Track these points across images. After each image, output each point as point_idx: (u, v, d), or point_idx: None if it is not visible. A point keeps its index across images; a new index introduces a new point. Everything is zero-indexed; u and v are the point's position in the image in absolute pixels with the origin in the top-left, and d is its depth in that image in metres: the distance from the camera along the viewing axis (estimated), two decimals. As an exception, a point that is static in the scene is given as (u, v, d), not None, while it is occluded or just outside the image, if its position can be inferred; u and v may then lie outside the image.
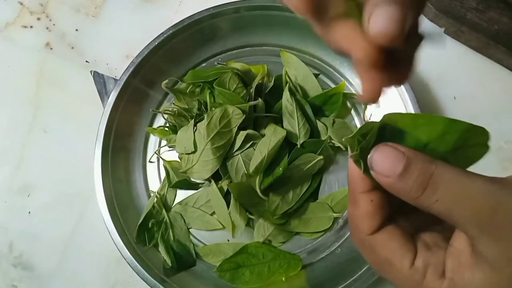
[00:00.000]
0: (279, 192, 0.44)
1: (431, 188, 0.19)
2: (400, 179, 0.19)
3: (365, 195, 0.22)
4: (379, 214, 0.21)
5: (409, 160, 0.19)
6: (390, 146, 0.20)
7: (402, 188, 0.19)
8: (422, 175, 0.19)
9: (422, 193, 0.19)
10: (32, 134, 0.52)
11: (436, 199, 0.19)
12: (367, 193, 0.22)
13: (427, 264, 0.20)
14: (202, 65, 0.52)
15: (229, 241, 0.46)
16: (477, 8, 0.49)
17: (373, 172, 0.20)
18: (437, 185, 0.19)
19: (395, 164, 0.19)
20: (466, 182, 0.18)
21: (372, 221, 0.21)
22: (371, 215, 0.21)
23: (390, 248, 0.21)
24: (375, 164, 0.20)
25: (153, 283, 0.42)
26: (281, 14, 0.48)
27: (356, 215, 0.22)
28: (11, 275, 0.48)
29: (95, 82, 0.53)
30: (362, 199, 0.22)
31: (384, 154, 0.20)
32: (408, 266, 0.20)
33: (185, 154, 0.45)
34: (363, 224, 0.22)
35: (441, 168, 0.19)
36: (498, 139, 0.48)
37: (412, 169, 0.19)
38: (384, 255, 0.21)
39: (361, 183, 0.22)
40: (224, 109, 0.43)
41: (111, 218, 0.44)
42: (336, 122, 0.47)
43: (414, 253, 0.21)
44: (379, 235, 0.21)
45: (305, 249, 0.45)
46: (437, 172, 0.19)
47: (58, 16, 0.56)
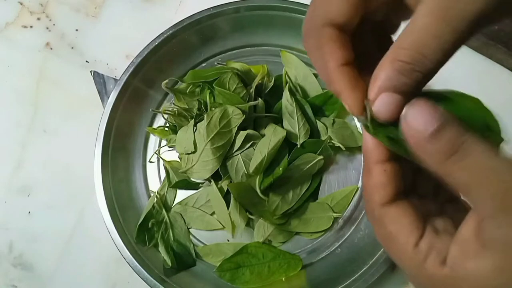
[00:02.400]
0: (279, 192, 0.44)
1: (460, 155, 0.18)
2: (432, 137, 0.18)
3: (379, 165, 0.21)
4: (391, 185, 0.21)
5: (445, 121, 0.18)
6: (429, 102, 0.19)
7: (431, 148, 0.18)
8: (454, 139, 0.18)
9: (449, 157, 0.18)
10: (32, 134, 0.52)
11: (461, 167, 0.18)
12: (381, 163, 0.21)
13: (431, 248, 0.20)
14: (202, 65, 0.52)
15: (229, 241, 0.46)
16: (477, 8, 0.49)
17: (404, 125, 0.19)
18: (466, 152, 0.18)
19: (431, 121, 0.18)
20: (494, 160, 0.18)
21: (384, 191, 0.21)
22: (384, 185, 0.21)
23: (399, 223, 0.21)
24: (409, 117, 0.19)
25: (153, 283, 0.42)
26: (281, 14, 0.48)
27: (370, 185, 0.22)
28: (11, 275, 0.48)
29: (95, 82, 0.53)
30: (376, 169, 0.21)
31: (421, 108, 0.19)
32: (412, 245, 0.20)
33: (185, 154, 0.45)
34: (375, 194, 0.21)
35: (474, 138, 0.18)
36: (498, 139, 0.48)
37: (446, 131, 0.18)
38: (391, 229, 0.21)
39: (375, 152, 0.21)
40: (224, 109, 0.43)
41: (111, 218, 0.44)
42: (336, 122, 0.47)
43: (421, 234, 0.20)
44: (391, 207, 0.21)
45: (305, 249, 0.45)
46: (470, 140, 0.18)
47: (58, 16, 0.56)
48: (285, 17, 0.48)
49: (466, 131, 0.18)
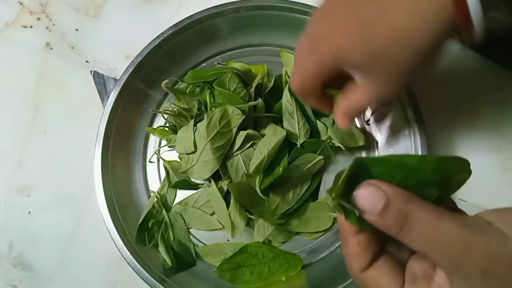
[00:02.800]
0: (279, 192, 0.44)
1: (407, 229, 0.20)
2: (380, 216, 0.21)
3: (353, 237, 0.24)
4: (366, 254, 0.23)
5: (389, 199, 0.21)
6: (372, 184, 0.21)
7: (383, 225, 0.21)
8: (399, 215, 0.21)
9: (400, 231, 0.21)
10: (32, 134, 0.52)
11: (411, 239, 0.21)
12: (354, 235, 0.24)
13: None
14: (202, 65, 0.52)
15: (229, 241, 0.46)
16: (477, 8, 0.49)
17: (358, 207, 0.22)
18: (411, 227, 0.20)
19: (376, 202, 0.21)
20: (438, 226, 0.20)
21: (361, 260, 0.23)
22: (359, 255, 0.23)
23: (380, 284, 0.23)
24: (358, 202, 0.22)
25: (153, 283, 0.42)
26: (281, 14, 0.48)
27: (348, 254, 0.24)
28: (11, 275, 0.48)
29: (95, 82, 0.53)
30: (351, 241, 0.24)
31: (366, 192, 0.21)
32: None
33: (185, 154, 0.45)
34: (354, 263, 0.24)
35: (416, 209, 0.20)
36: (498, 139, 0.48)
37: (391, 208, 0.21)
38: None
39: (348, 227, 0.24)
40: (224, 109, 0.43)
41: (111, 218, 0.44)
42: (336, 122, 0.47)
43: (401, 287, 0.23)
44: (369, 272, 0.23)
45: (305, 249, 0.45)
46: (411, 213, 0.20)
47: (58, 16, 0.56)
48: (285, 17, 0.48)
49: (409, 201, 0.21)
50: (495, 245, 0.19)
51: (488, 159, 0.48)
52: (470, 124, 0.49)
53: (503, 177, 0.47)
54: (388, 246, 0.25)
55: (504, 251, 0.19)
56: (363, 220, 0.22)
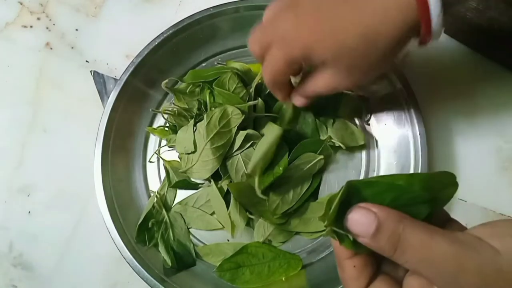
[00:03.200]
0: (279, 192, 0.44)
1: (400, 251, 0.21)
2: (373, 239, 0.21)
3: (348, 261, 0.24)
4: (363, 277, 0.23)
5: (380, 221, 0.21)
6: (363, 207, 0.22)
7: (377, 247, 0.21)
8: (392, 236, 0.21)
9: (394, 253, 0.21)
10: (32, 134, 0.52)
11: (406, 260, 0.21)
12: (349, 259, 0.24)
13: None
14: (202, 65, 0.52)
15: (229, 241, 0.46)
16: (477, 8, 0.49)
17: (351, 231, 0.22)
18: (404, 248, 0.21)
19: (368, 226, 0.21)
20: (431, 245, 0.20)
21: (358, 283, 0.23)
22: (356, 278, 0.24)
23: None
24: (350, 226, 0.22)
25: (153, 283, 0.42)
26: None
27: (345, 278, 0.24)
28: (11, 275, 0.48)
29: (95, 82, 0.53)
30: (346, 265, 0.24)
31: (357, 216, 0.22)
32: None
33: (185, 154, 0.45)
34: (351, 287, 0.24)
35: (408, 229, 0.21)
36: (498, 139, 0.48)
37: (383, 230, 0.21)
38: None
39: (343, 251, 0.24)
40: (224, 109, 0.43)
41: (111, 218, 0.44)
42: (336, 121, 0.47)
43: None
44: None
45: (305, 249, 0.45)
46: (403, 234, 0.21)
47: (58, 16, 0.56)
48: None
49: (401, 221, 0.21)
50: (488, 262, 0.19)
51: (488, 159, 0.48)
52: (470, 124, 0.49)
53: (503, 177, 0.47)
54: (384, 265, 0.25)
55: (497, 268, 0.19)
56: (357, 244, 0.23)
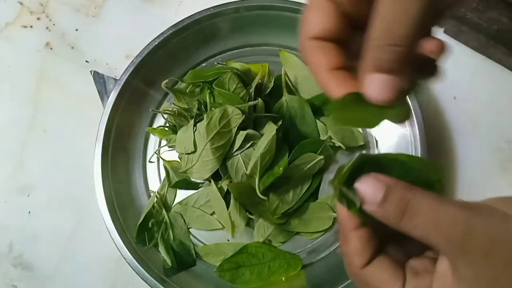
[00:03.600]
0: (279, 192, 0.44)
1: (408, 216, 0.20)
2: (380, 206, 0.21)
3: (353, 233, 0.23)
4: (368, 249, 0.23)
5: (389, 189, 0.21)
6: (372, 176, 0.22)
7: (384, 215, 0.21)
8: (400, 203, 0.20)
9: (401, 219, 0.20)
10: (32, 134, 0.52)
11: (414, 225, 0.20)
12: (355, 230, 0.23)
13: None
14: (202, 65, 0.52)
15: (229, 241, 0.46)
16: (477, 8, 0.49)
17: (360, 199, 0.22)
18: (413, 213, 0.20)
19: (376, 193, 0.21)
20: (440, 210, 0.20)
21: (362, 256, 0.23)
22: (360, 250, 0.23)
23: (381, 279, 0.23)
24: (360, 192, 0.22)
25: (153, 283, 0.42)
26: (281, 14, 0.48)
27: (348, 251, 0.24)
28: (11, 275, 0.48)
29: (95, 82, 0.53)
30: (352, 236, 0.24)
31: (366, 184, 0.21)
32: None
33: (185, 154, 0.45)
34: (354, 259, 0.24)
35: (417, 196, 0.20)
36: (498, 139, 0.48)
37: (391, 197, 0.21)
38: (376, 286, 0.23)
39: (349, 221, 0.24)
40: (224, 109, 0.43)
41: (111, 218, 0.44)
42: (336, 122, 0.47)
43: (403, 281, 0.22)
44: (370, 268, 0.23)
45: (305, 249, 0.45)
46: (413, 200, 0.20)
47: (58, 16, 0.56)
48: (285, 17, 0.48)
49: (410, 190, 0.21)
50: (498, 226, 0.19)
51: (488, 159, 0.48)
52: (470, 124, 0.49)
53: (503, 177, 0.47)
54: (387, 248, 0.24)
55: (506, 232, 0.19)
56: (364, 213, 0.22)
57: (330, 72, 0.23)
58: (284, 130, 0.46)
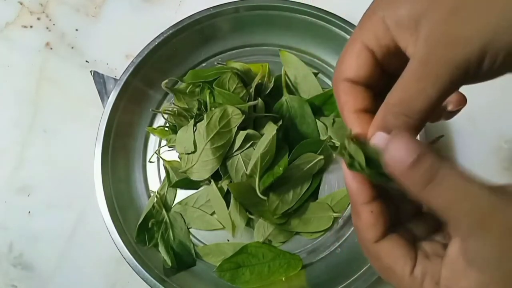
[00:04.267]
0: (279, 192, 0.44)
1: (435, 183, 0.20)
2: (410, 168, 0.20)
3: (365, 206, 0.23)
4: (380, 223, 0.23)
5: (423, 152, 0.20)
6: (405, 136, 0.20)
7: (410, 178, 0.20)
8: (430, 168, 0.20)
9: (426, 185, 0.20)
10: (32, 134, 0.52)
11: (438, 194, 0.20)
12: (367, 204, 0.23)
13: (424, 273, 0.21)
14: (202, 65, 0.52)
15: (229, 241, 0.46)
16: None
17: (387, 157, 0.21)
18: (441, 181, 0.20)
19: (410, 153, 0.20)
20: (467, 184, 0.19)
21: (374, 230, 0.23)
22: (373, 224, 0.23)
23: (393, 256, 0.22)
24: (391, 150, 0.20)
25: (153, 283, 0.42)
26: (281, 14, 0.48)
27: (360, 226, 0.24)
28: (11, 275, 0.48)
29: (95, 82, 0.53)
30: (363, 210, 0.23)
31: (401, 141, 0.20)
32: (408, 273, 0.22)
33: (185, 154, 0.45)
34: (367, 234, 0.23)
35: (447, 167, 0.20)
36: (498, 139, 0.48)
37: (422, 162, 0.20)
38: (387, 262, 0.23)
39: (360, 195, 0.23)
40: (224, 109, 0.43)
41: (111, 218, 0.44)
42: (336, 121, 0.47)
43: (414, 262, 0.22)
44: (383, 243, 0.23)
45: (305, 249, 0.45)
46: (443, 169, 0.20)
47: (58, 16, 0.56)
48: (285, 17, 0.48)
49: (441, 159, 0.20)
50: None
51: (488, 159, 0.48)
52: (470, 124, 0.49)
53: (503, 177, 0.47)
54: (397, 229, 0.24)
55: None
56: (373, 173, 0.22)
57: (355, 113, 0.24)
58: (284, 130, 0.46)
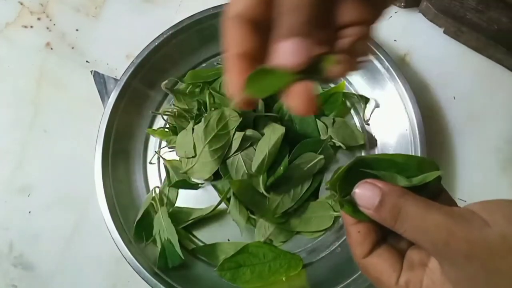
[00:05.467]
0: (280, 191, 0.44)
1: (400, 222, 0.23)
2: (376, 211, 0.23)
3: (353, 227, 0.26)
4: (367, 242, 0.25)
5: (384, 195, 0.23)
6: (370, 182, 0.24)
7: (379, 218, 0.23)
8: (393, 209, 0.23)
9: (395, 223, 0.23)
10: (32, 134, 0.52)
11: (405, 229, 0.23)
12: (354, 225, 0.26)
13: (408, 282, 0.24)
14: (202, 65, 0.52)
15: (229, 241, 0.46)
16: (477, 8, 0.49)
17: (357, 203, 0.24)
18: (403, 219, 0.23)
19: (373, 198, 0.23)
20: (427, 216, 0.22)
21: (362, 247, 0.25)
22: (360, 242, 0.25)
23: (379, 269, 0.25)
24: (357, 198, 0.24)
25: (154, 283, 0.42)
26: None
27: (351, 242, 0.26)
28: (11, 275, 0.48)
29: (96, 82, 0.53)
30: (352, 230, 0.26)
31: (364, 189, 0.24)
32: (393, 284, 0.24)
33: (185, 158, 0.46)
34: (355, 250, 0.26)
35: (408, 202, 0.23)
36: (498, 139, 0.48)
37: (386, 203, 0.23)
38: (375, 275, 0.25)
39: (348, 217, 0.26)
40: (221, 111, 0.43)
41: (112, 217, 0.44)
42: (336, 121, 0.47)
43: (399, 273, 0.24)
44: (370, 258, 0.25)
45: (306, 248, 0.45)
46: (404, 207, 0.23)
47: (58, 16, 0.57)
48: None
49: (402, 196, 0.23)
50: (476, 231, 0.21)
51: (487, 159, 0.48)
52: (470, 124, 0.49)
53: (503, 177, 0.47)
54: (389, 238, 0.26)
55: (484, 238, 0.21)
56: (357, 212, 0.24)
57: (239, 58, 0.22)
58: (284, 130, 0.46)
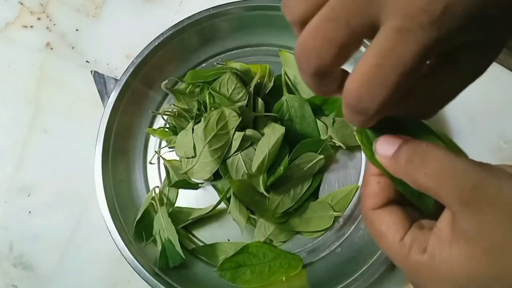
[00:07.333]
0: (279, 191, 0.44)
1: (420, 162, 0.21)
2: (394, 156, 0.22)
3: (373, 177, 0.25)
4: (382, 194, 0.24)
5: (404, 142, 0.22)
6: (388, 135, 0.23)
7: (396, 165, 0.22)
8: (412, 151, 0.21)
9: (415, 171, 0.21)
10: (32, 134, 0.52)
11: (424, 172, 0.21)
12: (376, 176, 0.25)
13: (413, 240, 0.22)
14: (202, 65, 0.52)
15: (229, 241, 0.46)
16: (476, 8, 0.49)
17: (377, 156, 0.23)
18: (425, 159, 0.21)
19: (391, 146, 0.22)
20: (453, 160, 0.20)
21: (375, 199, 0.24)
22: (375, 194, 0.24)
23: (386, 222, 0.24)
24: (377, 149, 0.23)
25: (154, 283, 0.42)
26: (281, 14, 0.48)
27: (365, 192, 0.25)
28: (11, 275, 0.48)
29: (96, 82, 0.53)
30: (371, 180, 0.25)
31: (382, 140, 0.23)
32: (398, 240, 0.23)
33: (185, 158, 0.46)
34: (368, 201, 0.25)
35: (431, 146, 0.21)
36: (498, 139, 0.48)
37: (404, 148, 0.22)
38: (380, 228, 0.24)
39: (372, 167, 0.25)
40: (221, 111, 0.43)
41: (112, 217, 0.44)
42: (336, 121, 0.47)
43: (406, 230, 0.23)
44: (379, 211, 0.24)
45: (306, 248, 0.45)
46: (427, 148, 0.21)
47: (58, 16, 0.57)
48: (285, 17, 0.48)
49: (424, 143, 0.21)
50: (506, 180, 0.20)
51: (488, 159, 0.48)
52: (470, 124, 0.49)
53: (503, 177, 0.47)
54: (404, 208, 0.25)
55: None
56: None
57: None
58: (284, 130, 0.46)
